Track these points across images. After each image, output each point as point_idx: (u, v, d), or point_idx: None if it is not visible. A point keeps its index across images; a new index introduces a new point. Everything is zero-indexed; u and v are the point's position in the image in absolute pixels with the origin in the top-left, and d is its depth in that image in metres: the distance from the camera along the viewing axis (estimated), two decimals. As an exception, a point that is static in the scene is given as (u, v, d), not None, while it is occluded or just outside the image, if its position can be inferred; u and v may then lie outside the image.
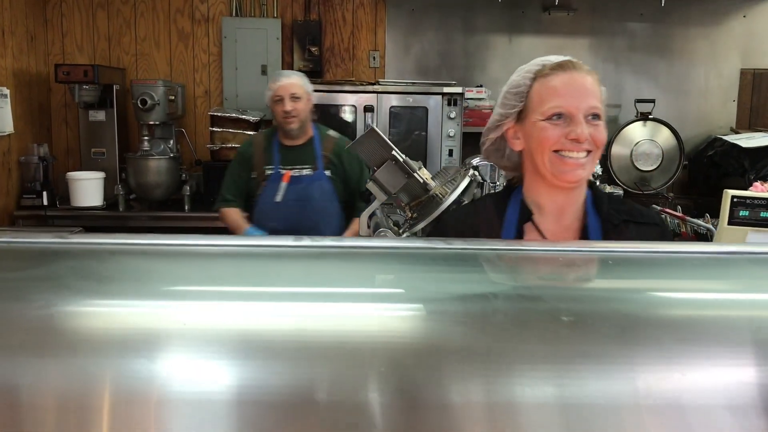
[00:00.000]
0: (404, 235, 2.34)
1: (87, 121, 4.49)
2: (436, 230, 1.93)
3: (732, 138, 4.48)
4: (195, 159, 4.65)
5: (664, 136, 4.64)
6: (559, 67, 1.46)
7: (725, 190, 2.18)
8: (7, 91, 4.11)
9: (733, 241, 2.19)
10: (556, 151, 1.44)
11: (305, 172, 3.18)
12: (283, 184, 3.13)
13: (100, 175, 4.31)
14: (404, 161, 2.45)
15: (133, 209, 4.40)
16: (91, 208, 4.26)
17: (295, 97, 3.11)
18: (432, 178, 2.52)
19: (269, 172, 3.16)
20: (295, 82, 3.17)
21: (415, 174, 2.45)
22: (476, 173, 2.37)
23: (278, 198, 3.13)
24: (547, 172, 1.47)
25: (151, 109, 4.25)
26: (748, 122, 4.99)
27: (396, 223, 2.46)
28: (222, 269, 0.94)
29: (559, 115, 1.43)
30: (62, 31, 4.74)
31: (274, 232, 3.10)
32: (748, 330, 0.75)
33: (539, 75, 1.47)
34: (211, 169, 4.35)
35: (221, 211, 3.27)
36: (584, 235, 1.52)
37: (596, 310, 0.77)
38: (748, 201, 2.14)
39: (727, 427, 0.67)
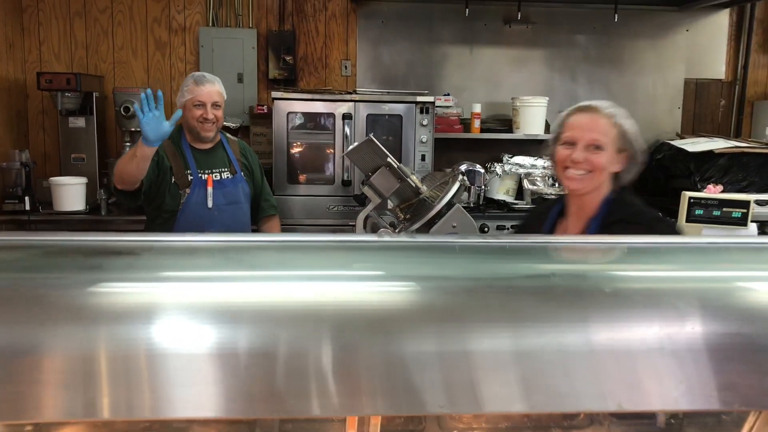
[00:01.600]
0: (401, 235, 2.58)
1: (67, 128, 4.59)
2: (523, 220, 2.61)
3: (678, 143, 4.85)
4: (174, 164, 4.79)
5: (617, 141, 4.98)
6: (581, 109, 2.06)
7: (683, 192, 2.49)
8: (-11, 99, 4.20)
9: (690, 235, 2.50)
10: (565, 168, 2.03)
11: (225, 175, 3.17)
12: (210, 190, 3.09)
13: (83, 180, 4.42)
14: (398, 167, 2.70)
15: (115, 213, 4.52)
16: (74, 212, 4.37)
17: (216, 105, 3.09)
18: (421, 182, 2.77)
19: (191, 177, 3.09)
20: (218, 89, 3.12)
21: (408, 179, 2.70)
22: (464, 178, 2.63)
23: (210, 204, 3.09)
24: (561, 180, 2.10)
25: (133, 116, 4.38)
26: (691, 128, 5.39)
27: (392, 224, 2.70)
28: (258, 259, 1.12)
29: (568, 143, 2.02)
30: (39, 39, 4.82)
31: None
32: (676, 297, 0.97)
33: (570, 114, 2.08)
34: (192, 174, 4.50)
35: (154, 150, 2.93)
36: (586, 231, 2.04)
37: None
38: (702, 201, 2.46)
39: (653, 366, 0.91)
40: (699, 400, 0.88)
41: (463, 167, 2.86)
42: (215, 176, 3.14)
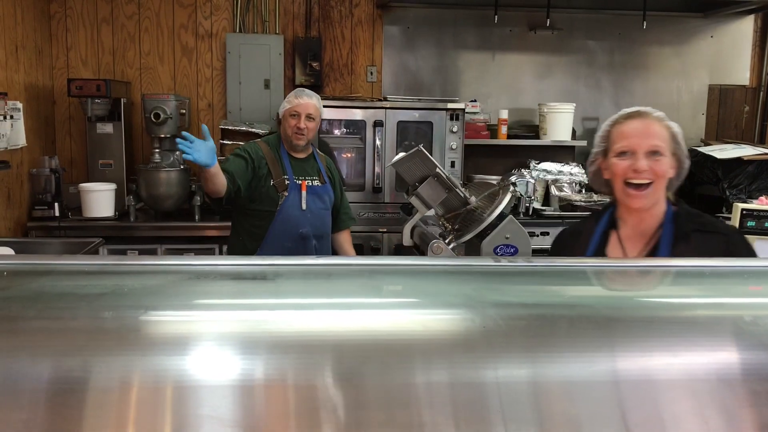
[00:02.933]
0: (451, 245, 2.59)
1: (95, 134, 4.59)
2: (556, 239, 2.35)
3: (705, 149, 4.85)
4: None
5: (642, 147, 4.99)
6: (629, 116, 1.95)
7: (735, 203, 2.49)
8: (20, 105, 4.19)
9: (741, 247, 2.51)
10: (625, 182, 1.90)
11: (315, 183, 3.42)
12: (304, 194, 3.35)
13: (112, 186, 4.43)
14: (447, 177, 2.71)
15: (143, 219, 4.52)
16: (103, 218, 4.37)
17: (310, 117, 3.33)
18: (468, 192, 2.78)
19: (287, 181, 3.34)
20: (314, 103, 3.37)
21: (456, 189, 2.71)
22: (516, 189, 2.64)
23: (303, 206, 3.34)
24: (620, 196, 1.95)
25: (164, 122, 4.39)
26: (715, 134, 5.40)
27: (441, 234, 2.71)
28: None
29: (625, 153, 1.90)
30: (67, 46, 4.83)
31: (304, 237, 3.33)
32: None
33: (616, 123, 1.96)
34: (221, 181, 4.50)
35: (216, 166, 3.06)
36: (656, 243, 1.94)
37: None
38: (754, 213, 2.46)
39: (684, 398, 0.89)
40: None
41: (513, 177, 2.85)
42: (308, 182, 3.39)
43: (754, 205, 2.48)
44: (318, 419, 0.81)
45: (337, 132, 4.36)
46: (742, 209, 2.45)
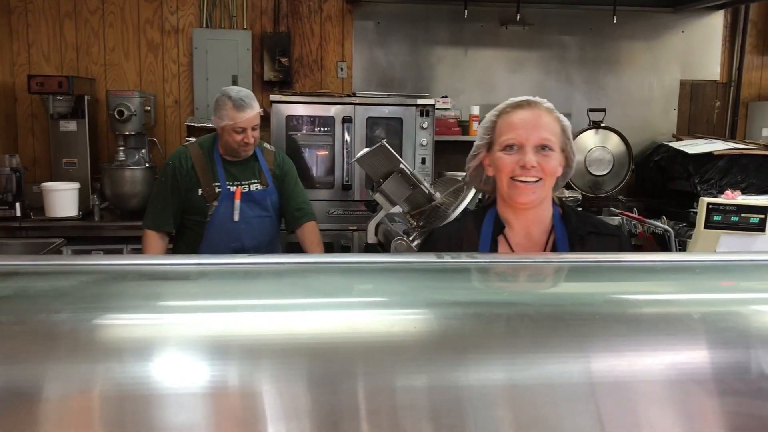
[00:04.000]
0: (415, 242, 2.53)
1: (58, 132, 4.48)
2: (428, 242, 2.11)
3: (677, 144, 4.85)
4: (168, 168, 4.70)
5: (614, 142, 4.98)
6: (518, 106, 1.77)
7: (701, 198, 2.46)
8: (-22, 103, 4.09)
9: (707, 242, 2.48)
10: (511, 178, 1.72)
11: (254, 187, 3.12)
12: (237, 203, 3.06)
13: (75, 185, 4.32)
14: (411, 173, 2.65)
15: (108, 219, 4.42)
16: (67, 218, 4.27)
17: (255, 128, 3.04)
18: (433, 188, 2.72)
19: (219, 189, 3.06)
20: (257, 111, 3.06)
21: (421, 185, 2.66)
22: (480, 184, 2.58)
23: (236, 217, 3.05)
24: (506, 195, 1.77)
25: (128, 119, 4.30)
26: (687, 129, 5.40)
27: (405, 231, 2.65)
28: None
29: (512, 146, 1.72)
30: (28, 41, 4.71)
31: (237, 251, 3.06)
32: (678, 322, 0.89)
33: (502, 113, 1.78)
34: (187, 179, 4.41)
35: (149, 233, 3.11)
36: (552, 247, 1.80)
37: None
38: (720, 207, 2.43)
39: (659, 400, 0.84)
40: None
41: (477, 173, 2.79)
42: (244, 188, 3.10)
43: (720, 199, 2.45)
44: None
45: (305, 129, 4.28)
46: (708, 204, 2.42)
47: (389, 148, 2.61)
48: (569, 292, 0.96)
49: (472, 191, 2.52)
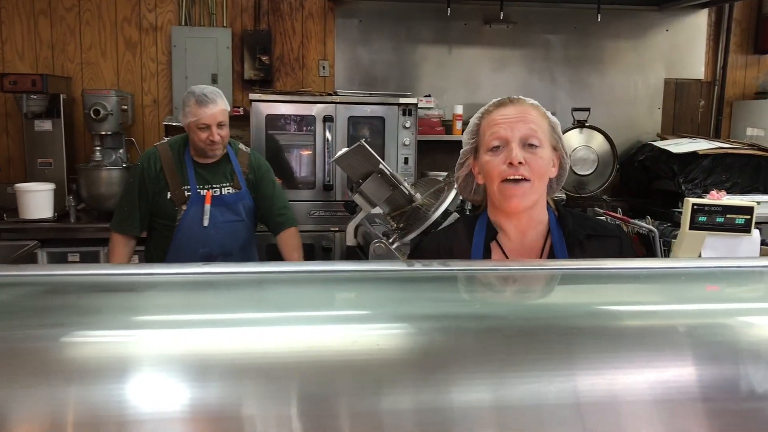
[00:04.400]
0: (395, 245, 2.47)
1: (32, 131, 4.38)
2: (417, 251, 1.99)
3: (661, 144, 4.82)
4: (146, 168, 4.61)
5: (599, 142, 4.95)
6: (500, 104, 1.67)
7: (686, 198, 2.40)
8: (-51, 102, 3.99)
9: (692, 243, 2.43)
10: (503, 181, 1.61)
11: (225, 191, 3.01)
12: (207, 207, 2.94)
13: (50, 186, 4.23)
14: (391, 174, 2.59)
15: (84, 220, 4.33)
16: (42, 220, 4.17)
17: (221, 125, 2.91)
18: (414, 189, 2.66)
19: (188, 193, 2.95)
20: (221, 108, 2.92)
21: (401, 186, 2.59)
22: (461, 185, 2.53)
23: (205, 222, 2.94)
24: (497, 200, 1.66)
25: (104, 119, 4.21)
26: (671, 128, 5.37)
27: (384, 233, 2.59)
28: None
29: (498, 146, 1.62)
30: (2, 39, 4.60)
31: (206, 257, 2.93)
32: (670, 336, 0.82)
33: (485, 113, 1.69)
34: (166, 179, 4.33)
35: (115, 237, 3.03)
36: (549, 253, 1.69)
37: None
38: (706, 208, 2.38)
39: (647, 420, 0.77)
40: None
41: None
42: (215, 192, 2.98)
43: (705, 200, 2.40)
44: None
45: (286, 128, 4.21)
46: (693, 204, 2.36)
47: (368, 147, 2.54)
48: (545, 304, 0.89)
49: (453, 192, 2.46)
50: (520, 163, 1.58)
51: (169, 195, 2.94)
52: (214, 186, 2.99)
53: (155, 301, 0.85)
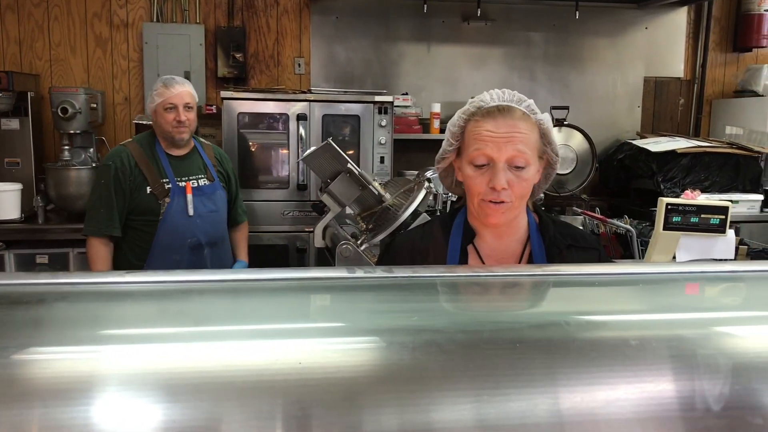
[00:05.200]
0: (363, 246, 2.40)
1: (-1, 130, 4.27)
2: (388, 252, 1.88)
3: (640, 142, 4.78)
4: (117, 168, 4.52)
5: (578, 140, 4.90)
6: (488, 114, 1.53)
7: (660, 198, 2.36)
8: None
9: (667, 244, 2.38)
10: (482, 200, 1.54)
11: (202, 182, 3.07)
12: (189, 197, 2.99)
13: (17, 186, 4.11)
14: (359, 174, 2.52)
15: (53, 221, 4.22)
16: (8, 221, 4.06)
17: (188, 107, 2.98)
18: (384, 189, 2.59)
19: (168, 186, 2.98)
20: (189, 90, 3.01)
21: (370, 186, 2.52)
22: (431, 185, 2.47)
23: (191, 212, 2.99)
24: (476, 212, 1.60)
25: (72, 117, 4.10)
26: (651, 127, 5.34)
27: (354, 235, 2.52)
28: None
29: (483, 164, 1.52)
30: (-32, 35, 4.49)
31: (194, 247, 3.00)
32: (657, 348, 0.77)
33: (471, 118, 1.56)
34: (136, 179, 4.23)
35: (94, 242, 2.95)
36: (528, 259, 1.63)
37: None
38: (680, 208, 2.34)
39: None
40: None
41: (429, 173, 2.67)
42: (193, 183, 3.04)
43: (679, 199, 2.35)
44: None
45: (258, 126, 4.12)
46: (668, 204, 2.32)
47: (335, 146, 2.47)
48: (493, 315, 0.83)
49: (423, 192, 2.40)
50: (503, 188, 1.50)
51: (149, 189, 2.95)
52: (191, 177, 3.04)
53: (110, 312, 0.77)
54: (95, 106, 4.24)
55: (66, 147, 4.20)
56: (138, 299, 0.82)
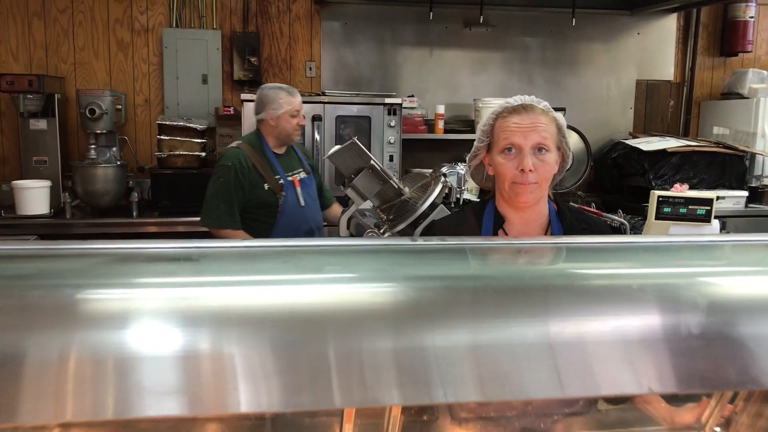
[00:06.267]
0: (386, 235, 2.66)
1: (28, 130, 4.51)
2: (428, 233, 2.21)
3: (632, 142, 5.06)
4: (138, 166, 4.77)
5: (574, 140, 5.17)
6: (514, 110, 1.83)
7: (652, 191, 2.63)
8: (-52, 101, 4.11)
9: (658, 232, 2.66)
10: (513, 182, 1.82)
11: (302, 175, 3.45)
12: (299, 189, 3.39)
13: (47, 183, 4.35)
14: (381, 169, 2.78)
15: (79, 216, 4.46)
16: (39, 216, 4.30)
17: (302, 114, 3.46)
18: (402, 184, 2.86)
19: (281, 181, 3.33)
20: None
21: (390, 181, 2.79)
22: (446, 180, 2.73)
23: (302, 202, 3.39)
24: (506, 195, 1.88)
25: (99, 118, 4.35)
26: (643, 127, 5.63)
27: (376, 225, 2.77)
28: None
29: (511, 149, 1.80)
30: (-4, 40, 4.73)
31: (308, 233, 3.41)
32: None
33: (499, 116, 1.86)
34: (159, 176, 4.48)
35: (223, 232, 3.28)
36: None
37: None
38: (670, 200, 2.61)
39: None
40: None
41: (444, 169, 2.94)
42: (298, 176, 3.43)
43: (669, 192, 2.63)
44: (259, 385, 0.87)
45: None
46: (659, 196, 2.59)
47: (360, 145, 2.73)
48: (532, 269, 1.10)
49: (440, 186, 2.66)
50: (530, 170, 1.77)
51: (266, 186, 3.29)
52: (294, 172, 3.43)
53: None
54: (120, 107, 4.49)
55: (92, 146, 4.44)
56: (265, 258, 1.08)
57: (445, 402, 1.30)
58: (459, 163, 4.82)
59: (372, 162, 2.75)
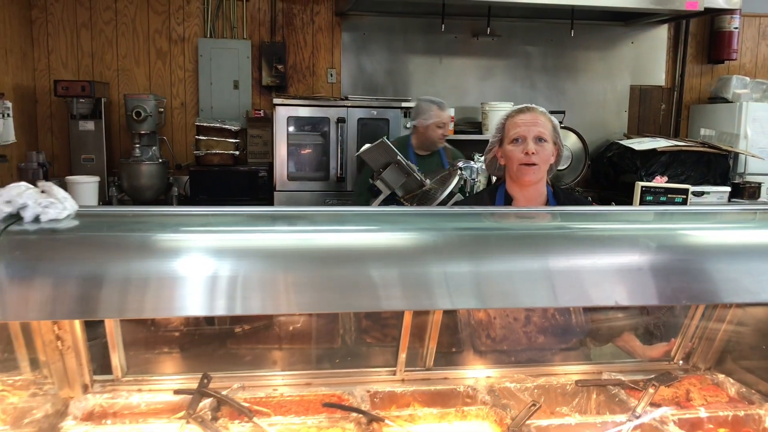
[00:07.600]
0: (411, 219, 3.14)
1: (77, 131, 4.98)
2: None
3: (626, 142, 5.53)
4: (176, 164, 5.24)
5: (572, 141, 5.64)
6: (520, 111, 2.45)
7: (636, 182, 3.10)
8: (10, 105, 4.57)
9: (642, 217, 3.12)
10: (520, 164, 2.37)
11: None
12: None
13: (96, 179, 4.82)
14: (406, 164, 3.26)
15: (124, 209, 4.92)
16: (89, 208, 4.77)
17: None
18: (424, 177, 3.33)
19: None
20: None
21: (414, 174, 3.26)
22: (462, 173, 3.21)
23: None
24: (514, 176, 2.43)
25: (144, 120, 4.82)
26: (636, 129, 6.10)
27: (402, 211, 3.26)
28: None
29: (518, 139, 2.37)
30: (48, 49, 5.20)
31: None
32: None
33: (509, 116, 2.46)
34: (197, 173, 4.95)
35: None
36: None
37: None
38: (652, 189, 3.07)
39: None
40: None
41: (460, 163, 3.42)
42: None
43: (651, 183, 3.09)
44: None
45: (304, 128, 4.86)
46: (642, 186, 3.06)
47: (388, 143, 3.21)
48: (534, 224, 1.59)
49: (457, 178, 3.14)
50: (533, 153, 2.32)
51: None
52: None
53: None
54: (162, 110, 4.97)
55: (137, 145, 4.92)
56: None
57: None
58: (476, 156, 5.31)
59: (398, 157, 3.23)
